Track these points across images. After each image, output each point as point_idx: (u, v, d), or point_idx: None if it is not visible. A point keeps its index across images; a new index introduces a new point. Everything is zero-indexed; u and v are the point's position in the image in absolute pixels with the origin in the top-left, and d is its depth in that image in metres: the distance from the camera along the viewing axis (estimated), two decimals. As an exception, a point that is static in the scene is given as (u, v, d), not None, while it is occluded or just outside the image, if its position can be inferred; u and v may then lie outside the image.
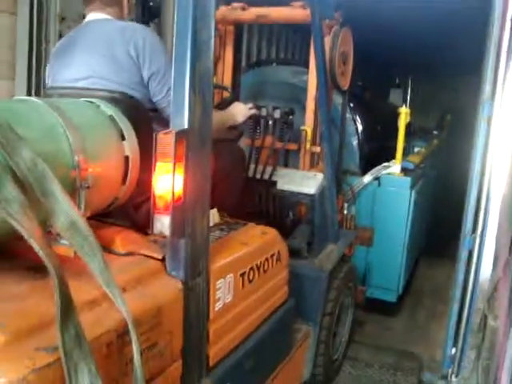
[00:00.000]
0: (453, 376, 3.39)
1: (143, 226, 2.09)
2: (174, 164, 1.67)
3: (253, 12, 3.57)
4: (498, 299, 3.04)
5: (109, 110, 1.85)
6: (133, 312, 1.45)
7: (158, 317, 1.63)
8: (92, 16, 2.36)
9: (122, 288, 1.57)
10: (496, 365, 2.86)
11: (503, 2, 2.95)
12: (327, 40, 3.29)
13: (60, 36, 3.61)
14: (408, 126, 4.62)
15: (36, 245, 1.24)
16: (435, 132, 8.04)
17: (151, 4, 3.28)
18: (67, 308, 1.26)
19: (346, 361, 3.84)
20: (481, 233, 3.15)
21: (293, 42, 7.80)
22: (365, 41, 4.41)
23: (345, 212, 4.12)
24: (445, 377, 3.45)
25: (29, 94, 3.54)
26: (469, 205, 3.21)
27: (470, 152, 3.26)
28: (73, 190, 1.56)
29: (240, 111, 2.86)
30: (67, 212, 1.36)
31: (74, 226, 1.37)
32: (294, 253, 3.04)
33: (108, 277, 1.41)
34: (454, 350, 3.41)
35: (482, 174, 3.12)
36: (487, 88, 3.09)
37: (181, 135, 1.69)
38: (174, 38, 1.77)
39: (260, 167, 3.40)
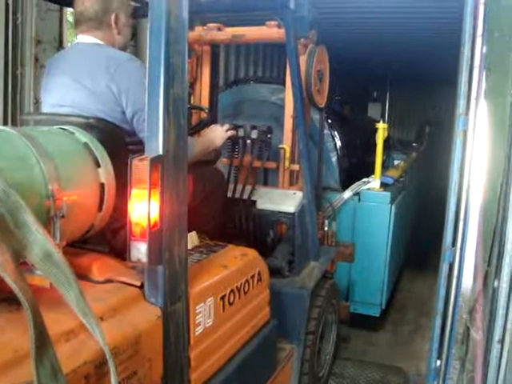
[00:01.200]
0: (438, 389, 3.39)
1: (121, 252, 2.07)
2: (150, 190, 1.67)
3: (228, 32, 3.59)
4: (479, 311, 3.05)
5: (83, 137, 1.84)
6: (111, 341, 1.43)
7: (136, 345, 1.61)
8: (81, 38, 2.33)
9: (100, 317, 1.56)
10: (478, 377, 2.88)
11: (473, 20, 2.99)
12: (303, 58, 3.30)
13: (36, 60, 3.59)
14: (387, 140, 4.66)
15: (9, 279, 1.23)
16: (414, 144, 8.12)
17: None
18: (42, 342, 1.24)
19: (331, 377, 3.82)
20: (461, 246, 3.15)
21: (270, 59, 7.87)
22: (342, 56, 4.47)
23: (325, 228, 4.12)
24: (430, 390, 3.45)
25: (5, 118, 3.49)
26: (448, 218, 3.22)
27: (448, 164, 3.29)
28: (47, 219, 1.55)
29: (218, 135, 2.85)
30: (41, 243, 1.34)
31: (48, 257, 1.35)
32: (275, 272, 3.05)
33: (84, 307, 1.39)
34: (438, 363, 3.41)
35: (460, 188, 3.13)
36: (462, 103, 3.12)
37: (156, 161, 1.69)
38: (147, 64, 1.77)
39: (239, 187, 3.40)
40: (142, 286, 1.83)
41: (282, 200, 3.36)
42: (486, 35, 2.96)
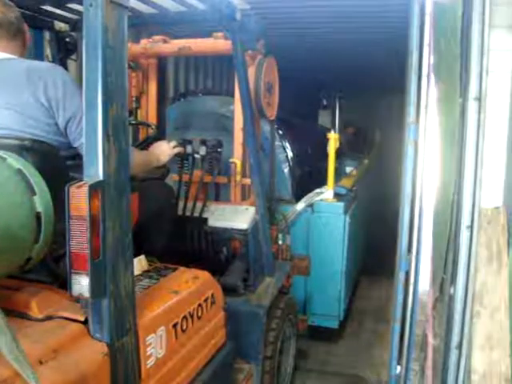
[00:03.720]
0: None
1: (65, 281, 1.95)
2: (90, 219, 1.55)
3: (175, 44, 3.49)
4: (437, 318, 3.06)
5: (17, 162, 1.69)
6: (52, 388, 1.31)
7: (82, 388, 1.49)
8: None
9: (39, 360, 1.44)
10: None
11: (419, 30, 3.00)
12: (251, 70, 3.24)
13: None
14: (338, 149, 4.64)
15: None
16: (365, 151, 8.16)
17: (67, 40, 3.15)
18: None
19: (293, 390, 3.77)
20: (416, 253, 3.15)
21: (219, 71, 7.80)
22: (290, 65, 4.44)
23: (279, 242, 4.04)
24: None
25: None
26: (402, 226, 3.21)
27: (398, 169, 3.30)
28: (-24, 257, 1.41)
29: (164, 151, 2.70)
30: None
31: (-25, 301, 1.23)
32: (230, 290, 2.96)
33: (18, 354, 1.27)
34: (398, 369, 3.39)
35: (413, 196, 3.13)
36: (412, 111, 3.12)
37: (95, 188, 1.57)
38: (84, 83, 1.65)
39: (190, 204, 3.30)
40: (86, 321, 1.71)
41: (234, 216, 3.28)
42: (433, 44, 2.97)
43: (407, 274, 3.24)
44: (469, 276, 2.81)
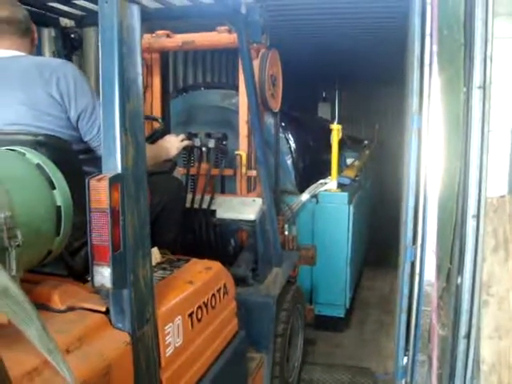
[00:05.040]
0: (407, 386, 3.40)
1: (81, 274, 1.99)
2: (110, 211, 1.58)
3: (178, 39, 3.52)
4: (444, 308, 3.08)
5: (35, 157, 1.73)
6: (79, 376, 1.35)
7: (107, 375, 1.53)
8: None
9: (65, 350, 1.47)
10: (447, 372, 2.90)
11: (421, 19, 3.02)
12: (255, 63, 3.26)
13: None
14: (341, 140, 4.67)
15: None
16: (366, 142, 8.20)
17: (72, 36, 3.18)
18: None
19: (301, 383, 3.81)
20: (421, 243, 3.17)
21: (219, 65, 7.82)
22: (290, 57, 4.46)
23: (286, 233, 4.09)
24: (399, 388, 3.47)
25: None
26: (407, 217, 3.23)
27: (399, 159, 3.32)
28: (1, 250, 1.44)
29: (173, 145, 2.74)
30: (-5, 278, 1.25)
31: (5, 292, 1.26)
32: (239, 281, 2.99)
33: (48, 343, 1.30)
34: (405, 360, 3.42)
35: (418, 186, 3.15)
36: (414, 101, 3.14)
37: (115, 180, 1.61)
38: (100, 79, 1.69)
39: (197, 197, 3.34)
40: (107, 312, 1.75)
41: (242, 208, 3.32)
42: (436, 33, 2.99)
43: (412, 264, 3.26)
44: (476, 265, 2.78)
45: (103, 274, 1.62)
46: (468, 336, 2.82)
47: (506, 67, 2.88)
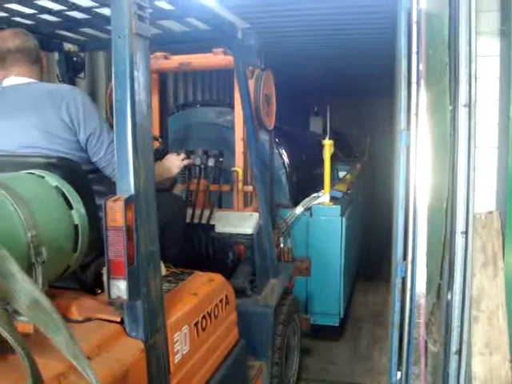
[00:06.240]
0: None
1: (92, 287, 2.12)
2: (126, 230, 1.73)
3: (176, 60, 3.67)
4: (435, 324, 3.14)
5: (53, 180, 1.87)
6: (101, 380, 1.48)
7: (125, 380, 1.67)
8: (11, 81, 2.25)
9: (87, 357, 1.60)
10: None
11: (407, 38, 3.12)
12: (251, 82, 3.41)
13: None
14: (332, 154, 4.81)
15: (3, 330, 1.27)
16: (357, 155, 8.36)
17: (75, 59, 3.33)
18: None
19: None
20: (411, 259, 3.19)
21: (215, 83, 8.00)
22: (282, 72, 4.60)
23: (281, 245, 4.23)
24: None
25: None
26: (397, 233, 3.27)
27: (390, 171, 3.36)
28: (29, 266, 1.58)
29: (174, 164, 2.88)
30: (28, 291, 1.38)
31: (36, 304, 1.39)
32: (238, 292, 3.12)
33: (75, 349, 1.43)
34: (399, 375, 3.41)
35: (407, 203, 3.19)
36: (402, 118, 3.19)
37: (129, 201, 1.75)
38: (114, 106, 1.83)
39: (196, 212, 3.48)
40: (122, 322, 1.89)
41: (240, 222, 3.46)
42: (423, 52, 3.09)
43: (404, 279, 3.26)
44: (465, 281, 2.84)
45: (119, 287, 1.76)
46: (459, 352, 2.87)
47: (490, 85, 2.96)
